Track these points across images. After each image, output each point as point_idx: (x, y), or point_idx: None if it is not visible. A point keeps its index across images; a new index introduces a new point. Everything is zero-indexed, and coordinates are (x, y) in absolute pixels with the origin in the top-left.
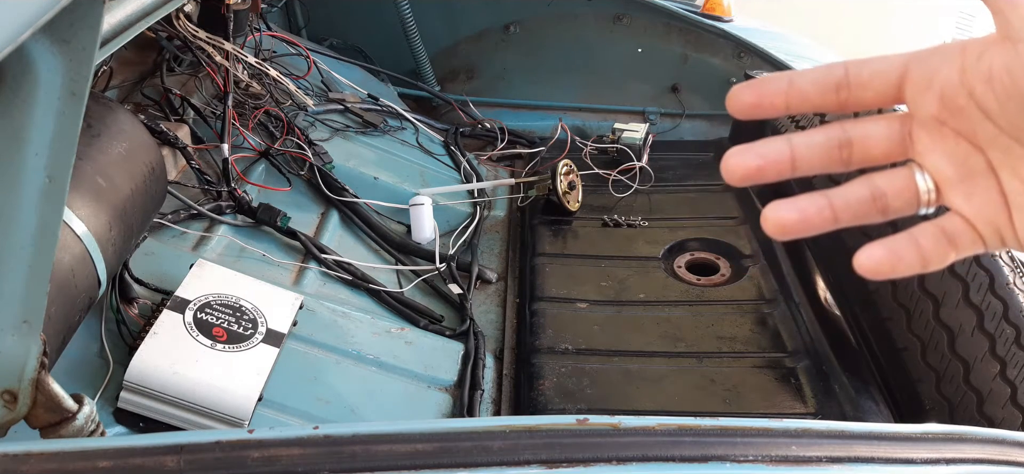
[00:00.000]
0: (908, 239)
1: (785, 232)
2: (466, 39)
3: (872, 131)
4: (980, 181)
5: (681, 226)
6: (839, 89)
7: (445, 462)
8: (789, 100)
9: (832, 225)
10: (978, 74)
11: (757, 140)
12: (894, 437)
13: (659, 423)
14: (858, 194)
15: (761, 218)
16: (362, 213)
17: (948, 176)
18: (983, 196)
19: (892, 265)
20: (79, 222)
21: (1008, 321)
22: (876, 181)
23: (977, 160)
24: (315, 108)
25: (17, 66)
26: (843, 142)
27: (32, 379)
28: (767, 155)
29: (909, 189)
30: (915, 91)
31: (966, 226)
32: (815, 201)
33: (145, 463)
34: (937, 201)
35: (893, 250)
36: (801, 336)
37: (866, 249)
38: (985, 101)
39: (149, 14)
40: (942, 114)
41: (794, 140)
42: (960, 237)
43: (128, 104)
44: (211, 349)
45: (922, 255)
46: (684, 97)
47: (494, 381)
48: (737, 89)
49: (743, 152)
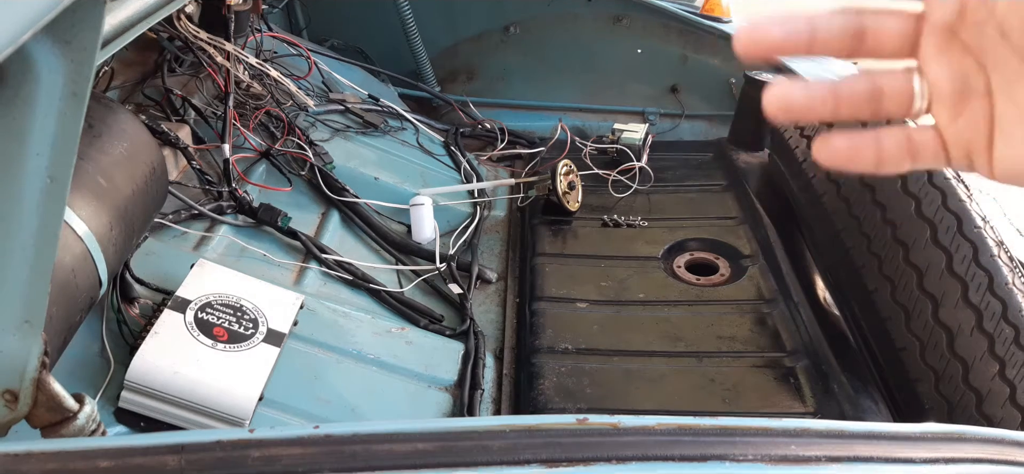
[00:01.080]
0: (871, 137)
1: (789, 109)
2: (466, 40)
3: (886, 24)
4: (973, 102)
5: (681, 226)
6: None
7: (445, 461)
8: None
9: (833, 112)
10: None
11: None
12: (893, 437)
13: (659, 423)
14: (860, 87)
15: (764, 95)
16: (362, 213)
17: (943, 89)
18: (969, 118)
19: (849, 156)
20: (80, 222)
21: (1007, 321)
22: (877, 78)
23: (977, 80)
24: (316, 108)
25: (18, 67)
26: (858, 30)
27: (33, 379)
28: (786, 27)
29: (906, 93)
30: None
31: (936, 142)
32: (821, 87)
33: (146, 463)
34: (926, 111)
35: (853, 142)
36: (800, 336)
37: (825, 137)
38: (1007, 18)
39: (150, 15)
40: (958, 23)
41: (816, 20)
42: (925, 150)
43: (129, 104)
44: (212, 349)
45: (880, 155)
46: (684, 97)
47: (494, 381)
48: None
49: (764, 23)
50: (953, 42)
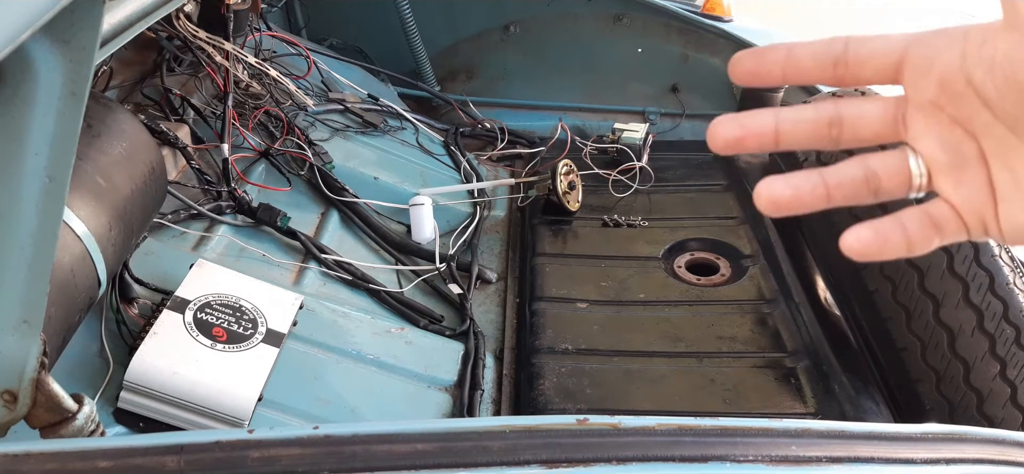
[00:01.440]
0: (894, 222)
1: (778, 208)
2: (466, 39)
3: (866, 111)
4: (970, 170)
5: (681, 226)
6: (837, 64)
7: (445, 462)
8: (786, 71)
9: (824, 203)
10: (980, 61)
11: (744, 111)
12: (894, 437)
13: (659, 423)
14: (852, 174)
15: (754, 193)
16: (362, 213)
17: (940, 162)
18: (971, 185)
19: (879, 247)
20: (79, 222)
21: (1008, 321)
22: (870, 162)
23: (970, 148)
24: (315, 108)
25: (17, 66)
26: (834, 120)
27: (32, 379)
28: (749, 126)
29: (902, 172)
30: (914, 73)
31: (952, 213)
32: (809, 178)
33: (145, 463)
34: (928, 186)
35: (880, 232)
36: (801, 336)
37: (853, 230)
38: (984, 89)
39: (149, 14)
40: (940, 99)
41: (781, 114)
42: (946, 223)
43: (128, 104)
44: (211, 349)
45: (908, 238)
46: (684, 97)
47: (494, 381)
48: (738, 55)
49: (727, 122)
50: (940, 116)
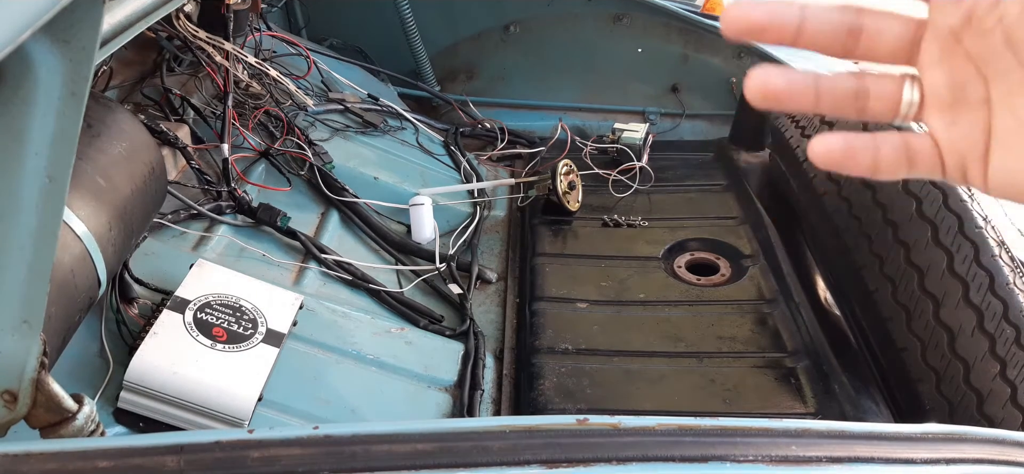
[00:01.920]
0: (869, 140)
1: (768, 96)
2: (466, 39)
3: (887, 26)
4: (970, 112)
5: (681, 226)
6: (860, 12)
7: (445, 462)
8: (802, 27)
9: (812, 105)
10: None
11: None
12: (894, 437)
13: (659, 423)
14: (844, 85)
15: (746, 80)
16: (362, 213)
17: (941, 97)
18: (966, 127)
19: (844, 157)
20: (79, 222)
21: (1008, 321)
22: (865, 79)
23: (976, 89)
24: (315, 108)
25: (17, 66)
26: (854, 27)
27: (32, 379)
28: (774, 11)
29: (893, 96)
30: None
31: (933, 150)
32: (805, 77)
33: (145, 463)
34: (915, 117)
35: (850, 144)
36: (801, 336)
37: (822, 137)
38: (1016, 29)
39: (149, 14)
40: (963, 30)
41: (808, 9)
42: (922, 158)
43: (128, 104)
44: (211, 349)
45: (877, 160)
46: (684, 97)
47: (494, 381)
48: (742, 5)
49: (753, 4)
50: (955, 49)
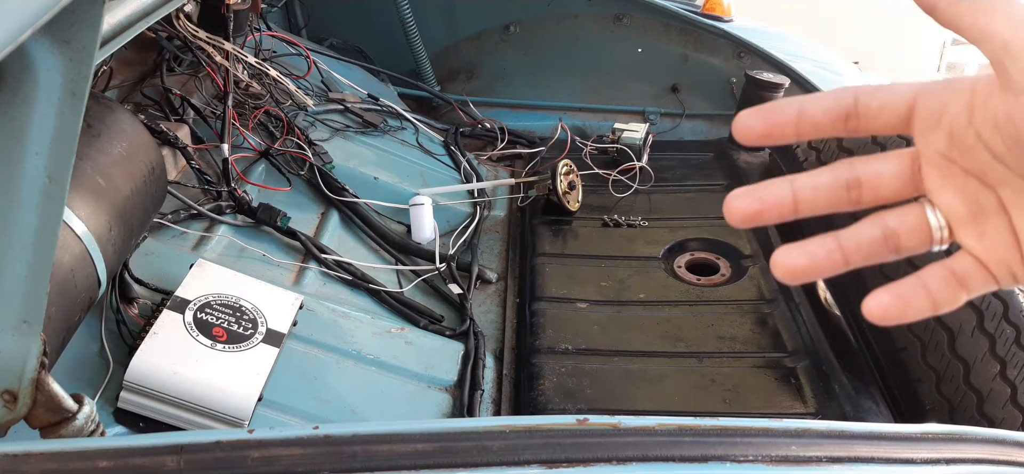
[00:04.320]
0: (916, 283)
1: (795, 277)
2: (466, 39)
3: (882, 169)
4: (992, 219)
5: (681, 226)
6: (849, 118)
7: (445, 462)
8: (800, 129)
9: (843, 268)
10: (985, 116)
11: (760, 182)
12: (894, 437)
13: (659, 423)
14: (869, 235)
15: (771, 263)
16: (362, 213)
17: (960, 214)
18: (995, 235)
19: (901, 311)
20: (79, 222)
21: (1008, 321)
22: (887, 220)
23: (988, 198)
24: (315, 108)
25: (17, 66)
26: (852, 182)
27: (32, 379)
28: (766, 200)
29: (921, 228)
30: (923, 127)
31: (977, 265)
32: (825, 244)
33: (145, 463)
34: (950, 239)
35: (900, 296)
36: (801, 336)
37: (874, 296)
38: (993, 144)
39: (149, 14)
40: (951, 152)
41: (797, 182)
42: (971, 277)
43: (128, 104)
44: (211, 349)
45: (932, 299)
46: (684, 97)
47: (494, 381)
48: (745, 116)
49: (743, 196)
50: (953, 169)
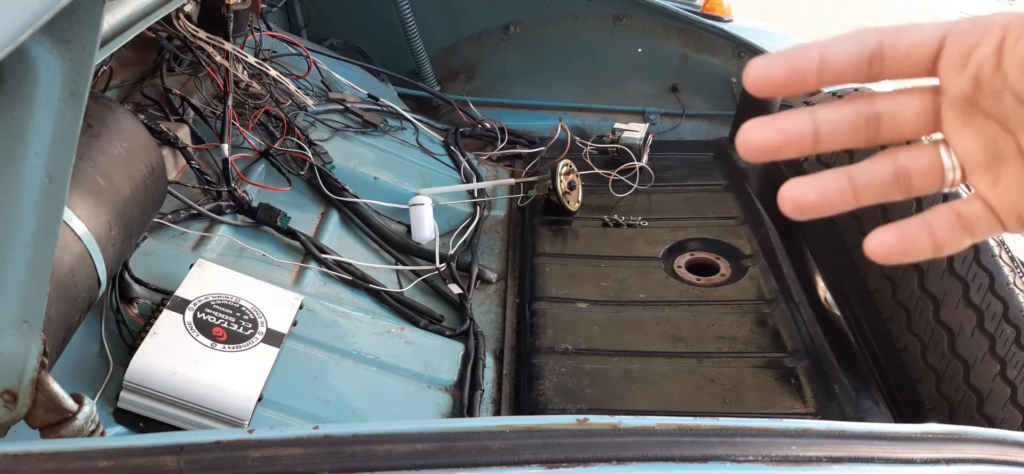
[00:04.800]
0: (921, 224)
1: (803, 211)
2: (466, 39)
3: (903, 106)
4: (1008, 165)
5: (681, 226)
6: (872, 62)
7: (445, 462)
8: (822, 74)
9: (853, 204)
10: (1015, 58)
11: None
12: (894, 437)
13: (659, 423)
14: (881, 172)
15: (779, 197)
16: (362, 213)
17: (976, 159)
18: (1009, 181)
19: (903, 250)
20: (79, 222)
21: (1008, 321)
22: (900, 159)
23: (1007, 144)
24: (315, 108)
25: (17, 66)
26: (871, 117)
27: (32, 379)
28: (787, 130)
29: (934, 168)
30: (949, 67)
31: (986, 210)
32: (836, 179)
33: (145, 463)
34: (961, 181)
35: (904, 235)
36: (801, 336)
37: (876, 233)
38: (1020, 87)
39: (149, 14)
40: (975, 94)
41: (818, 114)
42: (977, 222)
43: (128, 104)
44: (211, 349)
45: (935, 240)
46: (684, 97)
47: (494, 381)
48: (763, 65)
49: (762, 125)
50: (974, 112)
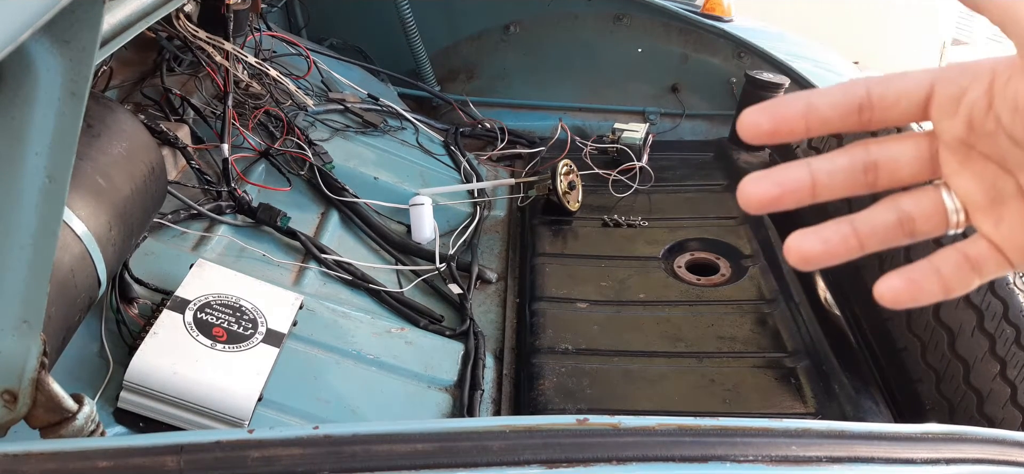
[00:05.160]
0: (928, 268)
1: (809, 263)
2: (466, 39)
3: (900, 152)
4: (1010, 205)
5: (681, 226)
6: (862, 110)
7: (445, 462)
8: (809, 124)
9: (858, 252)
10: (1006, 101)
11: (774, 166)
12: (894, 437)
13: (659, 423)
14: (884, 219)
15: (784, 249)
16: (362, 213)
17: (977, 200)
18: (1013, 220)
19: (912, 296)
20: (79, 222)
21: (1008, 321)
22: (902, 204)
23: (1007, 183)
24: (315, 108)
25: (17, 66)
26: (868, 165)
27: (32, 379)
28: (785, 183)
29: (938, 212)
30: (941, 113)
31: (992, 250)
32: (839, 229)
33: (145, 463)
34: (966, 223)
35: (913, 280)
36: (801, 336)
37: (885, 279)
38: (1013, 129)
39: (149, 14)
40: (970, 137)
41: (814, 165)
42: (985, 262)
43: (128, 104)
44: (211, 349)
45: (944, 284)
46: (684, 97)
47: (494, 381)
48: (751, 114)
49: (760, 179)
50: (971, 154)
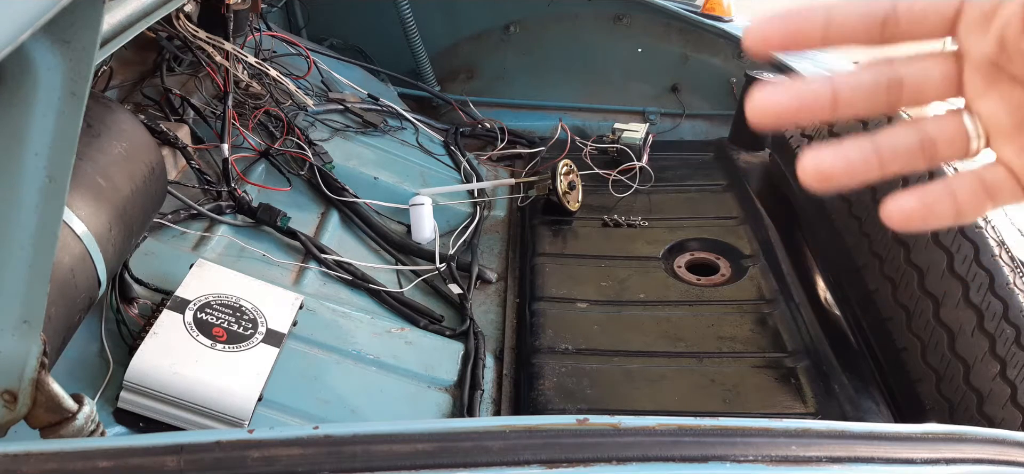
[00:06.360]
0: (944, 190)
1: (827, 181)
2: (466, 39)
3: (927, 72)
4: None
5: (681, 226)
6: (886, 23)
7: (445, 462)
8: (828, 33)
9: (877, 174)
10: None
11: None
12: (894, 437)
13: (659, 423)
14: (906, 141)
15: (799, 167)
16: (362, 213)
17: (1001, 124)
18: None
19: (924, 216)
20: (79, 222)
21: (1008, 321)
22: (926, 127)
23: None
24: (315, 108)
25: (17, 66)
26: (893, 82)
27: (32, 379)
28: (804, 95)
29: (960, 136)
30: (970, 29)
31: (1010, 177)
32: (861, 147)
33: (145, 463)
34: (985, 148)
35: (926, 202)
36: (801, 336)
37: (895, 199)
38: None
39: (149, 14)
40: (1000, 57)
41: (837, 79)
42: (1001, 189)
43: (128, 104)
44: (211, 349)
45: (957, 208)
46: (684, 97)
47: (494, 381)
48: (760, 23)
49: (776, 90)
50: (999, 75)
